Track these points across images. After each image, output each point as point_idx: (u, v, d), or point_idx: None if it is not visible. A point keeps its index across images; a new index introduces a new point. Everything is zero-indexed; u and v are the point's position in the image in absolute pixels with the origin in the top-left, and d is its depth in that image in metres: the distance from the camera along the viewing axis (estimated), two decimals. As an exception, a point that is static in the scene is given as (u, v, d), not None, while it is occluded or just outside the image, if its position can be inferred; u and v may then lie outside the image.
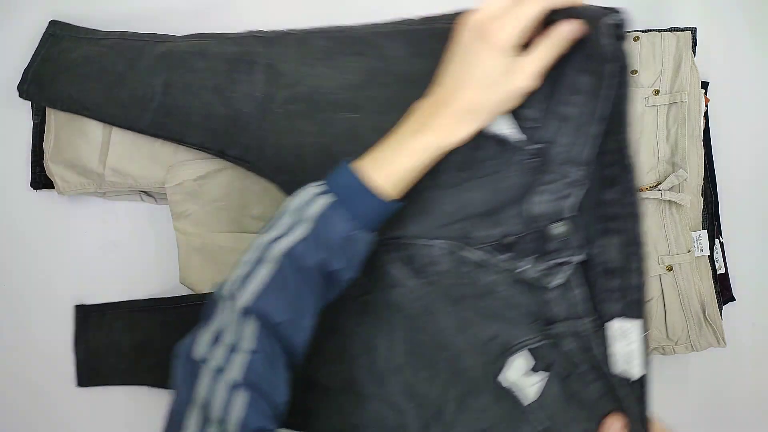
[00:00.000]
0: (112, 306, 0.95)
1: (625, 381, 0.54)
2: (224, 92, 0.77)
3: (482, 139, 0.53)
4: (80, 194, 0.93)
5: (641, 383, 0.53)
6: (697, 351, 0.87)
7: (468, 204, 0.56)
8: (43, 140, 0.92)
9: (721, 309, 0.90)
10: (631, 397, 0.53)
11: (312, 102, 0.68)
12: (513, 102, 0.50)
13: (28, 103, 0.95)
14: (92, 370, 0.96)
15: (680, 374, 1.00)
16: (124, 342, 0.94)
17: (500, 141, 0.54)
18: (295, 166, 0.68)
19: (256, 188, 0.87)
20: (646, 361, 0.52)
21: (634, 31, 0.86)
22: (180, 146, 0.88)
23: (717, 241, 0.92)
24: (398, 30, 0.67)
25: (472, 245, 0.56)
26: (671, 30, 0.86)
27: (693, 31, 0.86)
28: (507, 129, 0.53)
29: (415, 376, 0.57)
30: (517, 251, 0.56)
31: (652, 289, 0.87)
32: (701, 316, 0.85)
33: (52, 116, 0.91)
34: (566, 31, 0.47)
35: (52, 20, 0.92)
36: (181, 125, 0.80)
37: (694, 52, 0.86)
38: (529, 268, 0.55)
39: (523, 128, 0.54)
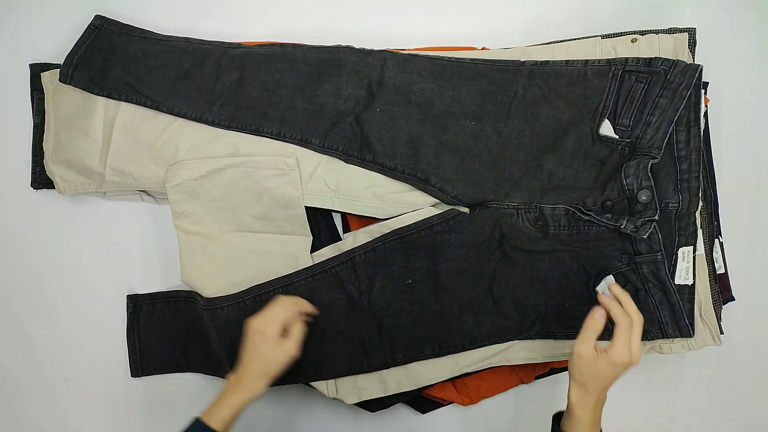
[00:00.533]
0: (163, 295, 0.97)
1: (683, 287, 0.84)
2: (305, 90, 0.88)
3: (597, 139, 0.84)
4: (80, 194, 0.93)
5: (692, 288, 0.84)
6: (693, 350, 0.87)
7: (584, 182, 0.85)
8: (43, 140, 0.92)
9: (720, 309, 0.91)
10: (683, 300, 0.84)
11: (425, 109, 0.87)
12: (285, 363, 0.77)
13: (29, 103, 0.95)
14: (145, 360, 0.97)
15: (679, 374, 1.00)
16: (175, 331, 0.96)
17: (608, 140, 0.84)
18: (408, 154, 0.86)
19: (256, 188, 0.87)
20: (694, 275, 0.84)
21: (633, 32, 0.87)
22: (181, 146, 0.89)
23: (717, 241, 0.92)
24: (499, 66, 0.87)
25: (585, 208, 0.83)
26: (670, 31, 0.87)
27: (692, 31, 0.86)
28: (609, 132, 0.83)
29: (527, 292, 0.86)
30: (614, 212, 0.82)
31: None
32: (697, 315, 0.86)
33: (52, 116, 0.92)
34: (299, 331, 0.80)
35: (98, 15, 0.93)
36: (256, 118, 0.88)
37: (693, 53, 0.86)
38: (627, 224, 0.80)
39: (618, 131, 0.83)
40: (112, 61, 0.90)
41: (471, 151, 0.86)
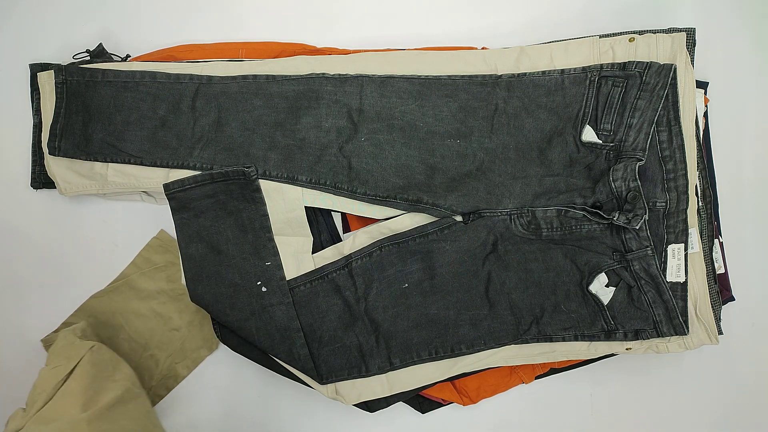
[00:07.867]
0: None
1: (675, 285, 0.85)
2: (285, 125, 0.87)
3: (581, 146, 0.85)
4: (81, 194, 0.93)
5: (684, 285, 0.85)
6: (690, 349, 0.87)
7: (573, 186, 0.86)
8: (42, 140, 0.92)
9: (720, 309, 0.90)
10: (676, 297, 0.85)
11: (409, 133, 0.87)
12: None
13: (28, 103, 0.95)
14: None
15: (679, 374, 1.00)
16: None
17: (593, 145, 0.85)
18: (400, 184, 0.86)
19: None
20: (686, 271, 0.85)
21: (630, 32, 0.87)
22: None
23: (716, 241, 0.92)
24: (477, 80, 0.87)
25: (575, 208, 0.84)
26: (669, 31, 0.86)
27: (691, 31, 0.86)
28: (593, 138, 0.85)
29: (522, 294, 0.87)
30: (605, 210, 0.84)
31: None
32: (693, 313, 0.86)
33: (50, 116, 0.91)
34: None
35: (57, 67, 0.89)
36: (239, 159, 0.87)
37: (692, 53, 0.86)
38: (619, 216, 0.81)
39: (601, 136, 0.85)
40: (91, 123, 0.89)
41: (460, 171, 0.87)
